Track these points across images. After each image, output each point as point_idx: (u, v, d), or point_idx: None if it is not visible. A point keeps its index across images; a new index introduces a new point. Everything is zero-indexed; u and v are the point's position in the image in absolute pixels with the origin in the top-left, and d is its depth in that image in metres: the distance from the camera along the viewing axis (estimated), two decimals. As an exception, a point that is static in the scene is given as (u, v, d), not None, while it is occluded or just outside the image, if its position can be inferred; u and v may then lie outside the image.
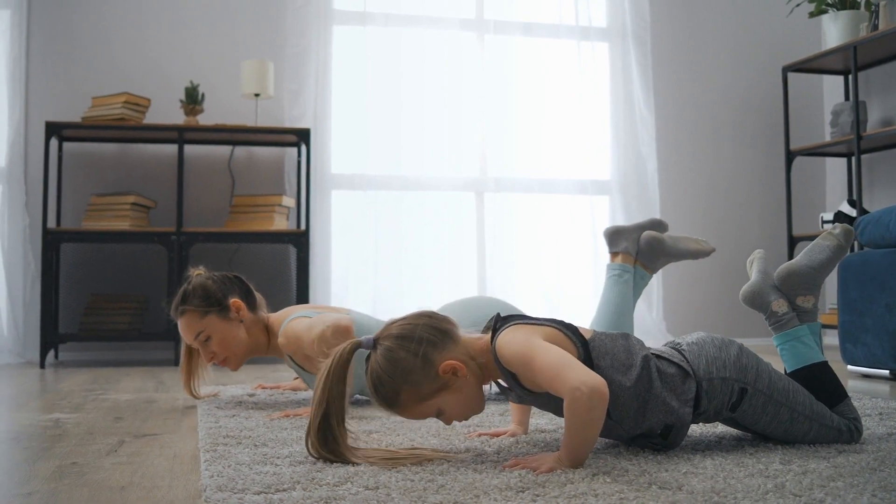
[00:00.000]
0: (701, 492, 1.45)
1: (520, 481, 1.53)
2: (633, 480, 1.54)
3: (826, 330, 5.05)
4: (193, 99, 4.56)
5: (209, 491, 1.51)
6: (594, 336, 1.81)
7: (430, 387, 1.74)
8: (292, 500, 1.42)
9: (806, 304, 2.01)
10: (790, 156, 5.11)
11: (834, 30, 4.89)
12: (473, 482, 1.53)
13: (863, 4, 4.88)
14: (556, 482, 1.52)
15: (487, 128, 5.19)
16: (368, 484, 1.53)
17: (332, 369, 1.75)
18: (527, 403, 1.88)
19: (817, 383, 1.90)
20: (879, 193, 5.06)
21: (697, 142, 5.52)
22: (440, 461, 1.72)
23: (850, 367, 3.53)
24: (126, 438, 2.16)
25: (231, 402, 2.73)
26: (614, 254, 2.69)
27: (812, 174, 5.58)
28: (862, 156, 4.85)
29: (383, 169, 4.99)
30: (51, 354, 4.47)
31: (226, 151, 4.83)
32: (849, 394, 1.94)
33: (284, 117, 4.84)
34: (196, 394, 2.81)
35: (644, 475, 1.58)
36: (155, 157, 4.76)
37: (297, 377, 3.15)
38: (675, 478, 1.55)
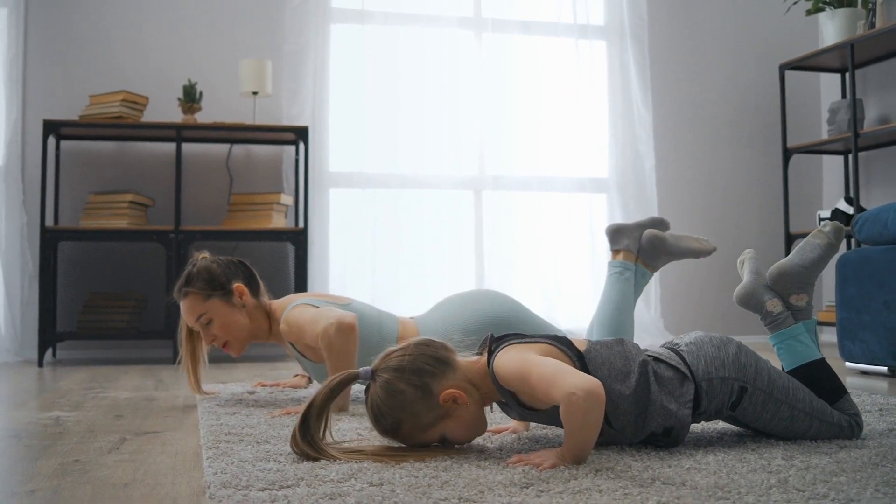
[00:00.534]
0: (704, 487, 1.45)
1: (524, 477, 1.53)
2: (637, 476, 1.54)
3: (824, 327, 5.06)
4: (191, 97, 4.56)
5: (213, 487, 1.51)
6: (589, 347, 1.81)
7: (431, 416, 1.74)
8: (297, 497, 1.42)
9: (800, 303, 2.02)
10: (787, 153, 5.12)
11: (831, 28, 4.90)
12: (477, 478, 1.54)
13: (860, 2, 4.89)
14: (560, 478, 1.52)
15: (485, 126, 5.19)
16: (373, 480, 1.53)
17: (327, 390, 1.78)
18: (528, 420, 1.88)
19: (816, 381, 1.91)
20: (876, 191, 5.07)
21: (695, 139, 5.53)
22: (443, 457, 1.73)
23: (849, 364, 3.54)
24: (127, 436, 2.16)
25: (231, 400, 2.73)
26: (616, 251, 2.70)
27: (809, 172, 5.59)
28: (859, 153, 4.86)
29: (381, 167, 4.99)
30: (48, 353, 4.47)
31: (224, 150, 4.82)
32: (847, 390, 1.95)
33: (282, 115, 4.84)
34: (199, 389, 2.80)
35: (647, 471, 1.58)
36: (153, 156, 4.76)
37: (297, 374, 3.15)
38: (679, 474, 1.56)
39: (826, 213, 4.88)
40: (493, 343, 1.81)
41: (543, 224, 5.24)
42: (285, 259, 4.78)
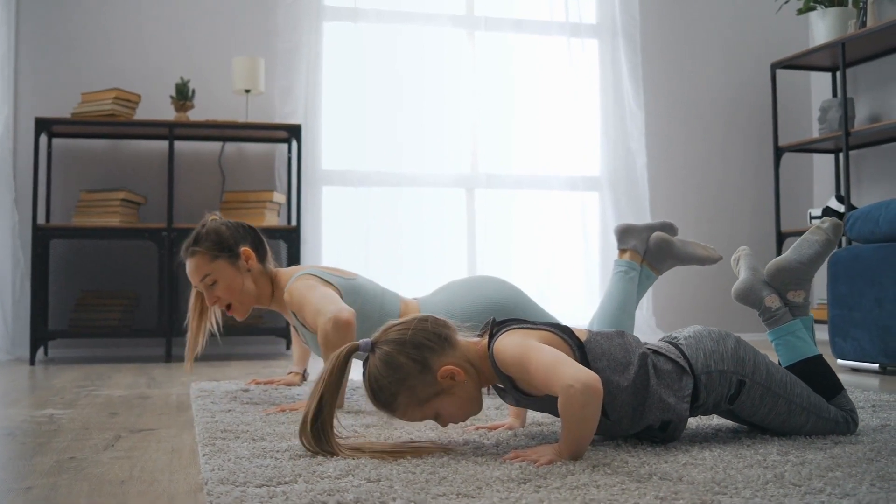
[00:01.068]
0: (702, 482, 1.46)
1: (521, 473, 1.53)
2: (634, 472, 1.55)
3: (815, 324, 5.07)
4: (184, 95, 4.55)
5: (211, 484, 1.51)
6: (590, 337, 1.82)
7: (428, 391, 1.74)
8: (295, 493, 1.42)
9: (797, 299, 2.03)
10: (778, 152, 5.14)
11: (822, 27, 4.92)
12: (475, 474, 1.54)
13: (850, 1, 4.91)
14: (558, 474, 1.53)
15: (478, 124, 5.20)
16: (370, 476, 1.53)
17: (331, 372, 1.76)
18: (524, 406, 1.88)
19: (813, 376, 1.92)
20: (867, 189, 5.09)
21: (686, 138, 5.54)
22: (440, 454, 1.73)
23: (840, 362, 3.55)
24: (122, 433, 2.16)
25: (225, 398, 2.73)
26: (623, 250, 2.71)
27: (800, 170, 5.62)
28: (850, 152, 4.88)
29: (374, 165, 4.99)
30: (40, 351, 4.45)
31: (216, 148, 4.82)
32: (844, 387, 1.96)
33: (275, 113, 4.83)
34: (191, 362, 2.84)
35: (644, 466, 1.59)
36: (145, 154, 4.75)
37: (291, 372, 3.15)
38: (675, 469, 1.57)
39: (817, 212, 4.90)
40: (495, 327, 1.81)
41: (536, 222, 5.25)
42: (278, 257, 4.74)
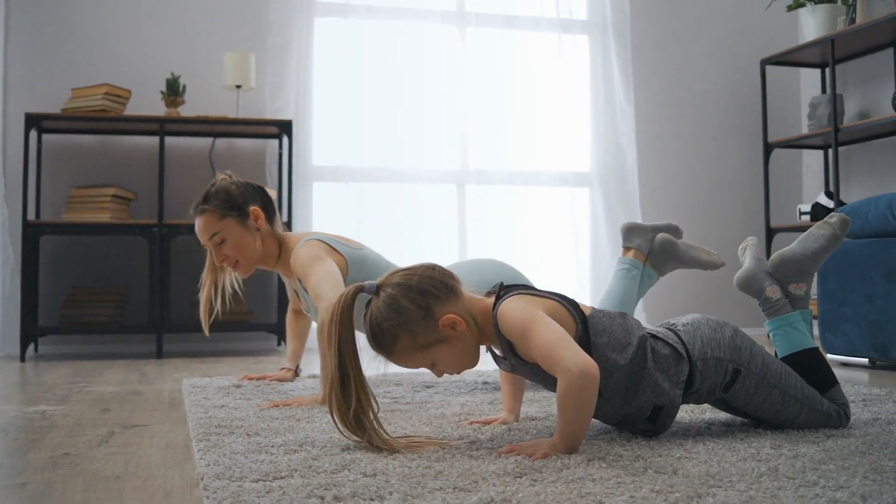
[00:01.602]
0: (697, 476, 1.47)
1: (516, 467, 1.54)
2: (629, 465, 1.56)
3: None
4: (174, 90, 4.54)
5: (207, 479, 1.51)
6: (593, 313, 1.83)
7: (428, 338, 1.75)
8: (292, 488, 1.42)
9: (798, 292, 2.04)
10: (768, 148, 5.16)
11: (812, 23, 4.94)
12: (471, 468, 1.55)
13: (840, -2, 4.94)
14: (553, 467, 1.53)
15: (469, 120, 5.20)
16: (366, 471, 1.54)
17: (338, 315, 1.73)
18: (518, 373, 1.89)
19: (808, 369, 1.93)
20: (855, 185, 5.12)
21: (676, 133, 5.56)
22: (435, 448, 1.73)
23: (830, 356, 3.57)
24: (115, 429, 2.16)
25: (218, 393, 2.72)
26: (627, 248, 2.72)
27: (789, 166, 5.64)
28: (839, 148, 4.91)
29: (365, 161, 4.99)
30: (30, 348, 4.44)
31: (207, 143, 4.80)
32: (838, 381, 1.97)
33: (266, 109, 4.82)
34: (207, 325, 2.91)
35: (639, 460, 1.60)
36: (136, 149, 4.73)
37: (283, 368, 3.16)
38: (670, 462, 1.57)
39: (806, 207, 4.92)
40: (503, 290, 1.82)
41: (527, 218, 5.26)
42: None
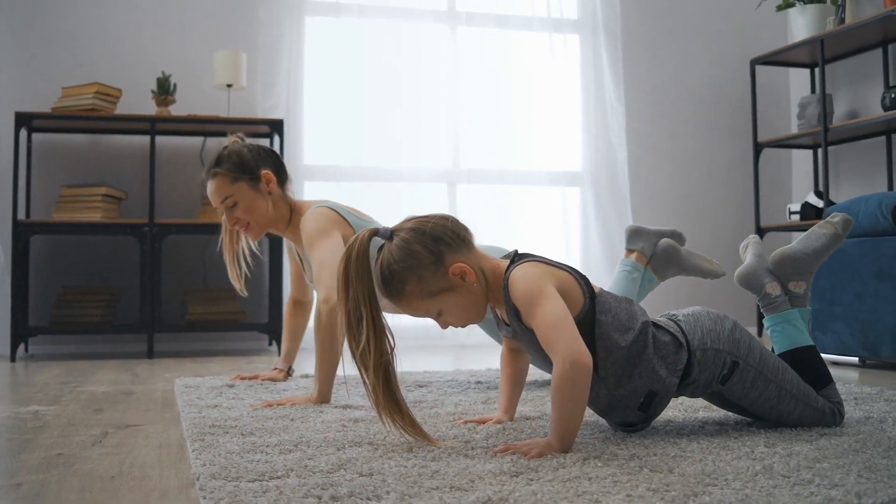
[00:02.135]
0: (692, 474, 1.47)
1: (513, 466, 1.54)
2: (624, 464, 1.56)
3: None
4: (165, 89, 4.52)
5: (203, 479, 1.51)
6: (602, 292, 1.84)
7: (438, 285, 1.76)
8: (289, 488, 1.42)
9: (797, 290, 2.06)
10: (758, 147, 5.18)
11: (801, 23, 4.96)
12: (466, 467, 1.55)
13: (829, -2, 4.96)
14: (549, 467, 1.54)
15: (460, 119, 5.20)
16: (363, 470, 1.54)
17: (354, 257, 1.73)
18: (518, 340, 1.89)
19: (805, 366, 1.95)
20: (845, 185, 5.14)
21: (667, 133, 5.57)
22: (430, 447, 1.74)
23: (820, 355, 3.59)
24: (109, 429, 2.15)
25: (211, 393, 2.72)
26: (630, 251, 2.73)
27: (779, 165, 5.66)
28: (828, 148, 4.92)
29: (356, 160, 4.99)
30: (21, 348, 4.42)
31: (197, 143, 4.79)
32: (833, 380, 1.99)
33: (257, 108, 4.81)
34: (240, 284, 2.93)
35: (634, 459, 1.61)
36: (126, 149, 4.72)
37: (275, 368, 3.16)
38: (665, 461, 1.58)
39: (796, 207, 4.94)
40: (517, 256, 1.84)
41: (518, 217, 5.27)
42: (260, 253, 4.74)
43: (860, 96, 5.05)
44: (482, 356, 4.18)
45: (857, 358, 3.50)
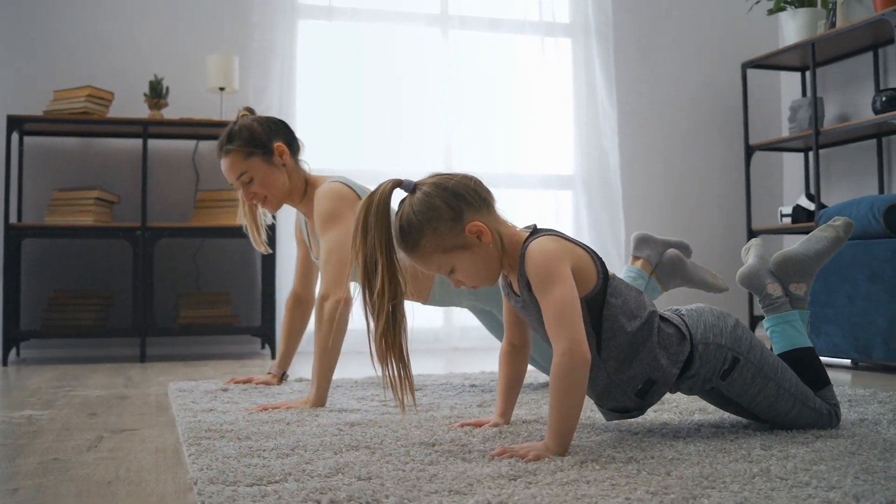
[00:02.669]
0: (690, 477, 1.48)
1: (511, 469, 1.54)
2: (622, 467, 1.57)
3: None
4: (157, 93, 4.51)
5: (201, 484, 1.50)
6: (615, 277, 1.86)
7: (454, 241, 1.78)
8: (287, 492, 1.42)
9: (798, 292, 2.07)
10: (749, 150, 5.20)
11: (792, 27, 4.98)
12: (465, 471, 1.55)
13: (820, 2, 4.97)
14: (547, 470, 1.54)
15: (453, 123, 5.20)
16: (361, 475, 1.54)
17: (374, 207, 1.77)
18: (526, 311, 1.89)
19: (803, 367, 1.96)
20: (836, 187, 5.16)
21: (658, 137, 5.59)
22: (427, 450, 1.74)
23: (819, 357, 3.60)
24: (104, 434, 2.14)
25: (205, 397, 2.71)
26: (635, 258, 2.74)
27: (770, 169, 5.68)
28: (819, 151, 4.94)
29: (349, 164, 4.97)
30: (12, 352, 4.40)
31: (190, 146, 4.78)
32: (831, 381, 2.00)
33: (249, 111, 4.80)
34: (264, 246, 2.92)
35: (632, 462, 1.61)
36: (119, 152, 4.71)
37: (269, 372, 3.15)
38: (663, 464, 1.58)
39: (788, 210, 4.96)
40: (537, 230, 1.85)
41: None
42: (253, 256, 4.75)
43: (851, 99, 5.07)
44: (475, 359, 4.18)
45: (850, 360, 3.51)
